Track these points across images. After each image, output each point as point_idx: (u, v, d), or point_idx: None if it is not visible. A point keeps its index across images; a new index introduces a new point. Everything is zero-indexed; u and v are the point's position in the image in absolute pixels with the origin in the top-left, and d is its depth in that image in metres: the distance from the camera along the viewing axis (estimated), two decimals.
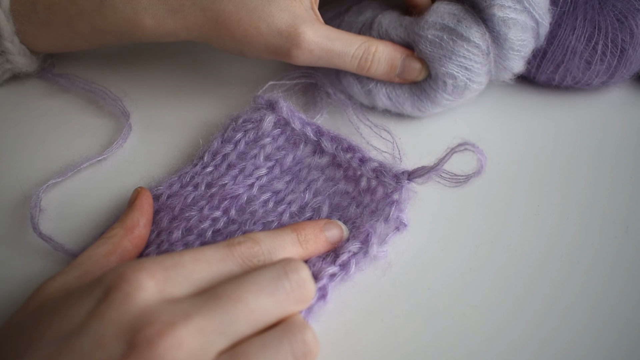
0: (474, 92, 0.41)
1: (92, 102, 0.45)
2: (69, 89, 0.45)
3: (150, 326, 0.23)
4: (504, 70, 0.41)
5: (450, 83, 0.39)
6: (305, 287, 0.27)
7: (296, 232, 0.31)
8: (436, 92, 0.40)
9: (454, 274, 0.34)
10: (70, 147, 0.41)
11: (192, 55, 0.49)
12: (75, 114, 0.44)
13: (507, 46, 0.39)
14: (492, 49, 0.39)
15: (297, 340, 0.25)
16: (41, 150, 0.41)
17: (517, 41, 0.39)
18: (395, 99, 0.41)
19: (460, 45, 0.38)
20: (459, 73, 0.39)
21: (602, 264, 0.35)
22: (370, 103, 0.43)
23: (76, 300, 0.25)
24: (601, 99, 0.46)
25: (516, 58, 0.40)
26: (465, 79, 0.39)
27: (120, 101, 0.43)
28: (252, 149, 0.38)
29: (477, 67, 0.39)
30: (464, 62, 0.38)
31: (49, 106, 0.44)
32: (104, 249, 0.30)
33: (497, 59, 0.39)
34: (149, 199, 0.34)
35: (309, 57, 0.38)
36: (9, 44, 0.40)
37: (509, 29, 0.38)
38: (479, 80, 0.40)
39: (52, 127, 0.43)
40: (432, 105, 0.41)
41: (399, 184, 0.34)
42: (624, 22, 0.42)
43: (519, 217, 0.37)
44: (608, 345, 0.31)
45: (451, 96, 0.40)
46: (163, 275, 0.25)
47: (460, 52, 0.38)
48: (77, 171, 0.39)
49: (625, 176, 0.40)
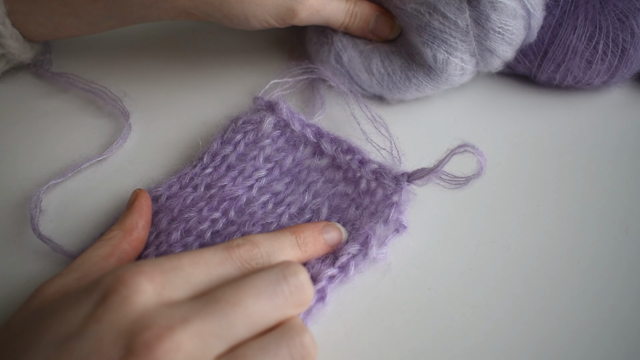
0: (458, 70, 0.41)
1: (91, 102, 0.45)
2: (68, 89, 0.45)
3: (149, 330, 0.23)
4: (489, 53, 0.40)
5: (430, 55, 0.40)
6: (304, 290, 0.27)
7: (295, 234, 0.31)
8: (423, 67, 0.41)
9: (454, 275, 0.34)
10: (70, 147, 0.41)
11: (192, 55, 0.49)
12: (74, 114, 0.44)
13: (488, 26, 0.39)
14: (472, 27, 0.39)
15: (296, 343, 0.25)
16: (41, 151, 0.41)
17: (500, 23, 0.39)
18: (389, 65, 0.42)
19: (435, 18, 0.39)
20: (434, 44, 0.39)
21: (602, 264, 0.35)
22: (367, 69, 0.43)
23: (74, 303, 0.25)
24: (601, 99, 0.46)
25: (498, 40, 0.40)
26: (443, 51, 0.40)
27: (120, 101, 0.43)
28: (252, 150, 0.37)
29: (455, 42, 0.39)
30: (440, 35, 0.39)
31: (49, 106, 0.44)
32: (102, 250, 0.30)
33: (478, 39, 0.39)
34: (148, 201, 0.34)
35: (311, 14, 0.40)
36: (1, 27, 0.39)
37: (494, 11, 0.38)
38: (461, 57, 0.40)
39: (52, 127, 0.43)
40: (426, 78, 0.41)
41: (399, 185, 0.34)
42: (625, 22, 0.42)
43: (519, 217, 0.37)
44: (608, 345, 0.31)
45: (437, 70, 0.41)
46: (161, 279, 0.25)
47: (435, 25, 0.39)
48: (77, 171, 0.39)
49: (625, 176, 0.40)
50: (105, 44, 0.50)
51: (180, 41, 0.51)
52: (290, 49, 0.49)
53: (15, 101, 0.44)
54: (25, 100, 0.44)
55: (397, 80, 0.42)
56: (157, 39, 0.51)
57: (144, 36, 0.51)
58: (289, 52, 0.49)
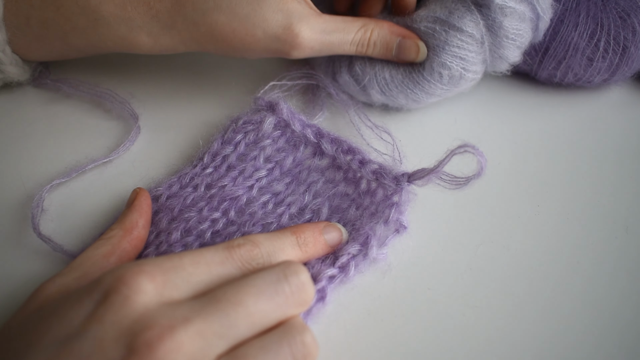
0: (470, 81, 0.41)
1: (97, 105, 0.44)
2: (71, 95, 0.44)
3: (150, 330, 0.23)
4: (499, 59, 0.40)
5: (446, 74, 0.39)
6: (305, 290, 0.27)
7: (296, 234, 0.31)
8: (430, 83, 0.40)
9: (454, 275, 0.34)
10: (78, 149, 0.41)
11: (192, 56, 0.49)
12: (80, 116, 0.43)
13: (501, 34, 0.38)
14: (486, 37, 0.39)
15: (297, 342, 0.25)
16: (47, 152, 0.41)
17: (512, 29, 0.38)
18: (388, 94, 0.41)
19: (453, 35, 0.38)
20: (452, 63, 0.39)
21: (602, 264, 0.35)
22: (367, 100, 0.43)
23: (75, 303, 0.25)
24: (601, 99, 0.46)
25: (511, 47, 0.39)
26: (460, 68, 0.39)
27: (128, 103, 0.42)
28: (252, 150, 0.37)
29: (472, 57, 0.39)
30: (458, 52, 0.38)
31: (54, 110, 0.44)
32: (102, 250, 0.30)
33: (492, 47, 0.39)
34: (148, 200, 0.34)
35: (310, 53, 0.38)
36: (1, 54, 0.39)
37: (505, 17, 0.38)
38: (474, 70, 0.40)
39: (58, 129, 0.42)
40: (427, 95, 0.41)
41: (399, 186, 0.34)
42: (626, 20, 0.42)
43: (519, 217, 0.37)
44: (608, 345, 0.31)
45: (446, 86, 0.40)
46: (162, 278, 0.25)
47: (454, 42, 0.38)
48: (82, 172, 0.39)
49: (625, 176, 0.40)
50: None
51: None
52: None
53: (19, 109, 0.44)
54: (28, 107, 0.44)
55: (400, 104, 0.42)
56: None
57: None
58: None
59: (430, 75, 0.40)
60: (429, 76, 0.40)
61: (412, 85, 0.40)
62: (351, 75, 0.41)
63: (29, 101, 0.44)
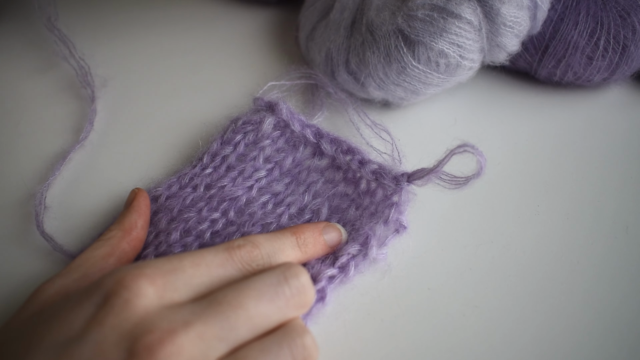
0: (467, 70, 0.40)
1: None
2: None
3: (150, 333, 0.23)
4: (497, 48, 0.40)
5: (443, 62, 0.39)
6: (305, 292, 0.27)
7: (295, 235, 0.31)
8: (426, 73, 0.40)
9: (453, 275, 0.34)
10: (65, 141, 0.41)
11: (192, 55, 0.48)
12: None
13: (499, 21, 0.38)
14: (484, 24, 0.38)
15: (297, 344, 0.25)
16: (42, 149, 0.41)
17: (510, 17, 0.38)
18: (386, 88, 0.41)
19: (451, 22, 0.38)
20: (450, 50, 0.38)
21: (602, 264, 0.35)
22: (367, 96, 0.42)
23: (75, 306, 0.25)
24: (601, 99, 0.46)
25: (509, 34, 0.39)
26: (457, 56, 0.39)
27: (90, 85, 0.43)
28: (252, 150, 0.37)
29: (469, 44, 0.39)
30: (456, 39, 0.38)
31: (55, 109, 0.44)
32: (102, 251, 0.30)
33: (489, 35, 0.39)
34: (147, 200, 0.34)
35: None
36: None
37: (503, 4, 0.38)
38: (471, 57, 0.40)
39: (48, 118, 0.43)
40: (424, 86, 0.40)
41: (399, 186, 0.34)
42: (626, 19, 0.41)
43: (519, 217, 0.37)
44: (608, 345, 0.31)
45: (443, 75, 0.40)
46: (162, 281, 0.25)
47: (452, 30, 0.38)
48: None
49: (625, 176, 0.40)
50: (104, 44, 0.49)
51: (180, 41, 0.50)
52: (290, 51, 0.49)
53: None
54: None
55: (399, 98, 0.42)
56: (157, 39, 0.51)
57: (143, 36, 0.51)
58: (289, 54, 0.48)
59: (426, 65, 0.39)
60: (425, 67, 0.39)
61: (408, 77, 0.40)
62: (349, 73, 0.41)
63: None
